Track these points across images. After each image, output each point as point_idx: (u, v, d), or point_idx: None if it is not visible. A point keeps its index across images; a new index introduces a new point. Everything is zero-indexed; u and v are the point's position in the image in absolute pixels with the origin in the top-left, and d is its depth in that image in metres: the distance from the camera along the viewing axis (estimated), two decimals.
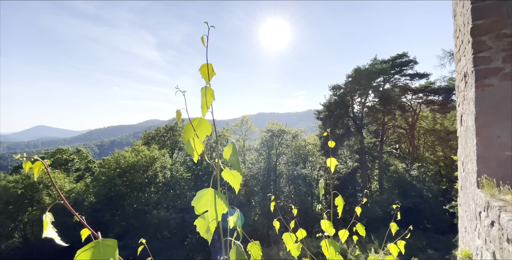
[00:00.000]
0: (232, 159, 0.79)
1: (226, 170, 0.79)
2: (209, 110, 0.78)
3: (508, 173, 2.19)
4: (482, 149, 2.27)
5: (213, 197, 0.68)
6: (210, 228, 0.69)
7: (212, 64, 0.76)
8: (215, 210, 0.68)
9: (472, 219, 2.51)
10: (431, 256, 15.52)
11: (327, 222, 1.26)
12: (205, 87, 0.76)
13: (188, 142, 0.76)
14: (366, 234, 1.73)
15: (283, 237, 1.26)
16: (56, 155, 29.13)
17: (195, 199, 0.68)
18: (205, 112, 0.78)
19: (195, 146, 0.74)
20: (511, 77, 2.25)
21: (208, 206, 0.69)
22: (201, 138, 0.76)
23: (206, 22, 0.71)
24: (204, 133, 0.77)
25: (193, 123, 0.76)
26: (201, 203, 0.68)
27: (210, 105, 0.76)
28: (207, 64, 0.74)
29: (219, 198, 0.69)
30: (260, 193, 27.78)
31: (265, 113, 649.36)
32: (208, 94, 0.76)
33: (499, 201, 1.86)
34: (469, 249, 2.63)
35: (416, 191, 22.62)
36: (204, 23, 0.71)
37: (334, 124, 26.78)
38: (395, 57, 25.72)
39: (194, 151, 0.74)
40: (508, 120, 2.23)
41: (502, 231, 1.63)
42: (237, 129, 32.71)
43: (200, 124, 0.77)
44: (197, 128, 0.76)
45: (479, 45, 2.32)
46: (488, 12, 2.36)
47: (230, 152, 0.80)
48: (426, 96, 26.00)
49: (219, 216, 0.69)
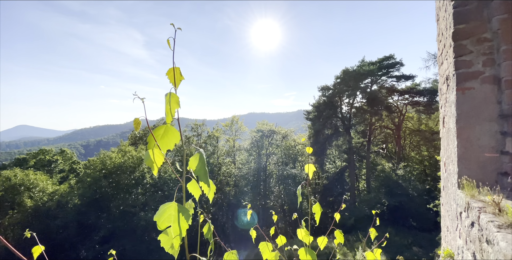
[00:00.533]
0: (199, 170, 0.74)
1: (192, 182, 0.74)
2: (175, 117, 0.72)
3: (488, 174, 2.25)
4: (462, 150, 2.32)
5: (176, 211, 0.64)
6: (174, 245, 0.64)
7: (179, 68, 0.71)
8: (179, 226, 0.63)
9: (453, 219, 2.56)
10: (416, 253, 15.95)
11: (303, 230, 1.24)
12: (169, 94, 0.70)
13: (147, 154, 0.69)
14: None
15: (259, 247, 1.22)
16: (38, 155, 28.06)
17: (157, 213, 0.63)
18: (170, 120, 0.72)
19: (154, 157, 0.68)
20: (491, 81, 2.31)
21: (171, 221, 0.63)
22: (169, 146, 0.71)
23: (173, 24, 0.67)
24: (172, 141, 0.72)
25: (159, 132, 0.70)
26: (163, 218, 0.63)
27: (174, 112, 0.70)
28: (173, 68, 0.69)
29: (183, 213, 0.64)
30: (250, 193, 27.75)
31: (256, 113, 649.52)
32: (173, 101, 0.71)
33: (479, 202, 1.90)
34: (451, 248, 2.69)
35: (402, 190, 23.19)
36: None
37: (323, 125, 27.11)
38: (382, 59, 26.30)
39: (154, 163, 0.68)
40: (487, 122, 2.28)
41: (482, 232, 1.66)
42: (227, 129, 32.55)
43: (167, 132, 0.71)
44: (163, 137, 0.71)
45: (460, 49, 2.38)
46: (470, 17, 2.41)
47: (197, 163, 0.74)
48: (411, 98, 26.72)
49: (183, 231, 0.64)
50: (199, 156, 0.75)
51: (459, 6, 2.42)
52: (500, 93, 2.21)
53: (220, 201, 25.88)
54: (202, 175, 0.74)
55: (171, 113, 0.69)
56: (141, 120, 0.68)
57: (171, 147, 0.71)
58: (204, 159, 0.75)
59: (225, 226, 24.86)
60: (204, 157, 0.75)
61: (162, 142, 0.71)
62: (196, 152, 0.75)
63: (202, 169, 0.74)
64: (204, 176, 0.74)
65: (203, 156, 0.75)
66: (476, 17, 2.38)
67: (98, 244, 21.22)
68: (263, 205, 27.40)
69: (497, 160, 2.21)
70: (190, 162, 0.76)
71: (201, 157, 0.74)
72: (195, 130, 30.24)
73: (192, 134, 30.20)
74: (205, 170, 0.75)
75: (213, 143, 29.74)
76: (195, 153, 0.75)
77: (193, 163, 0.75)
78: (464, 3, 2.41)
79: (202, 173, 0.74)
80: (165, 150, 0.71)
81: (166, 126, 0.72)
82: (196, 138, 30.00)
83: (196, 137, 30.04)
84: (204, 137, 30.28)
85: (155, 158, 0.67)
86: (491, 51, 2.32)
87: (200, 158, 0.74)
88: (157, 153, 0.68)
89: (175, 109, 0.70)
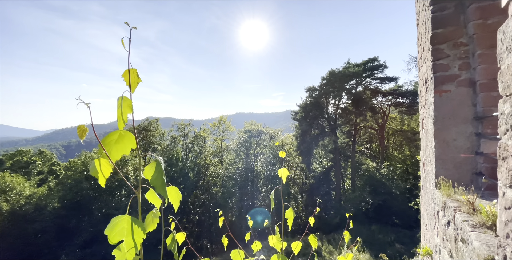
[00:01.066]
0: (155, 180, 0.69)
1: (150, 192, 0.70)
2: (129, 123, 0.67)
3: (463, 174, 2.33)
4: (440, 151, 2.39)
5: (129, 224, 0.59)
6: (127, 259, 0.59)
7: (136, 70, 0.66)
8: (133, 239, 0.59)
9: (431, 217, 2.63)
10: (399, 250, 16.46)
11: (275, 237, 1.21)
12: (121, 98, 0.65)
13: (93, 163, 0.64)
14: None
15: (231, 255, 1.19)
16: (15, 157, 26.68)
17: (108, 227, 0.58)
18: (122, 126, 0.67)
19: (100, 167, 0.62)
20: (467, 84, 2.38)
21: (124, 234, 0.58)
22: (124, 152, 0.66)
23: (127, 22, 0.62)
24: (128, 147, 0.67)
25: (113, 137, 0.65)
26: (115, 232, 0.58)
27: (127, 118, 0.65)
28: (128, 70, 0.64)
29: (137, 225, 0.60)
30: (237, 193, 27.65)
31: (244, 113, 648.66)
32: (125, 106, 0.65)
33: (455, 202, 1.95)
34: (429, 246, 2.77)
35: (385, 189, 23.87)
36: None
37: (309, 125, 27.45)
38: (366, 61, 26.98)
39: (100, 173, 0.63)
40: (463, 124, 2.36)
41: (457, 231, 1.71)
42: (214, 129, 32.25)
43: (121, 138, 0.66)
44: (118, 142, 0.65)
45: (438, 53, 2.45)
46: (447, 22, 2.49)
47: (152, 172, 0.70)
48: (394, 99, 27.57)
49: (138, 245, 0.60)
50: (156, 164, 0.70)
51: (437, 11, 2.50)
52: (475, 96, 2.30)
53: (207, 202, 25.60)
54: (158, 185, 0.69)
55: (122, 119, 0.64)
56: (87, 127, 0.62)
57: (126, 152, 0.66)
58: (162, 167, 0.70)
59: (212, 227, 24.62)
60: (161, 166, 0.70)
61: (117, 147, 0.66)
62: (153, 159, 0.70)
63: (159, 179, 0.69)
64: (161, 186, 0.69)
65: (161, 164, 0.70)
66: (453, 22, 2.46)
67: (80, 248, 20.45)
68: (250, 205, 27.38)
69: (472, 161, 2.29)
70: (146, 171, 0.71)
71: (158, 166, 0.69)
72: (181, 130, 29.74)
73: (179, 134, 29.70)
74: (163, 180, 0.70)
75: (200, 143, 29.38)
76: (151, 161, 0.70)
77: (148, 172, 0.70)
78: (442, 9, 2.49)
79: (159, 183, 0.69)
80: (119, 155, 0.66)
81: (120, 132, 0.66)
82: (182, 138, 29.52)
83: (182, 137, 29.56)
84: (191, 137, 29.85)
85: (101, 168, 0.62)
86: (467, 55, 2.41)
87: (157, 167, 0.69)
88: (104, 162, 0.63)
89: (127, 113, 0.65)
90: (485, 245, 1.25)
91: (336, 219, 22.97)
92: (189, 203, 25.36)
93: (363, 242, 17.44)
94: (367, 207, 23.94)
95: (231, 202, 26.98)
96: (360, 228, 20.62)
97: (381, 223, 21.87)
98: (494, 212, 1.51)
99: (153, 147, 29.04)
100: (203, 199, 25.64)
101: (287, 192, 28.65)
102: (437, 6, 2.49)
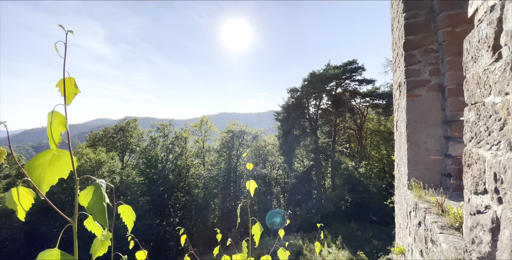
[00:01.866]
0: (93, 207, 0.60)
1: (89, 219, 0.62)
2: (65, 140, 0.58)
3: (433, 175, 2.42)
4: (412, 153, 2.47)
5: None
6: None
7: (74, 79, 0.57)
8: None
9: (404, 217, 2.72)
10: (376, 246, 17.09)
11: (239, 256, 1.16)
12: (51, 113, 0.54)
13: (10, 193, 0.54)
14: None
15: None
16: None
17: None
18: (54, 146, 0.56)
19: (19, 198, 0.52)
20: (436, 89, 2.48)
21: None
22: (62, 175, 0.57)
23: (61, 25, 0.54)
24: (66, 169, 0.57)
25: (45, 158, 0.55)
26: None
27: (59, 137, 0.55)
28: (63, 79, 0.55)
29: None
30: (220, 195, 27.37)
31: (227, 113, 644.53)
32: (56, 122, 0.54)
33: (425, 203, 2.01)
34: (402, 245, 2.86)
35: (363, 187, 24.73)
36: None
37: (291, 126, 27.82)
38: (346, 63, 27.80)
39: (18, 205, 0.53)
40: (433, 127, 2.45)
41: (427, 232, 1.76)
42: (196, 130, 31.69)
43: (56, 160, 0.55)
44: (51, 165, 0.55)
45: (410, 59, 2.53)
46: (419, 29, 2.59)
47: (89, 198, 0.61)
48: (372, 100, 28.65)
49: None
50: (94, 188, 0.61)
51: (409, 18, 2.59)
52: (444, 101, 2.41)
53: (188, 204, 25.09)
54: (97, 212, 0.60)
55: (53, 140, 0.54)
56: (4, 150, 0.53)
57: (64, 175, 0.58)
58: (102, 191, 0.60)
59: (193, 230, 24.17)
60: (101, 189, 0.60)
61: (52, 170, 0.56)
62: (92, 183, 0.61)
63: (97, 205, 0.59)
64: (100, 214, 0.59)
65: (101, 187, 0.60)
66: (424, 29, 2.57)
67: None
68: (233, 206, 27.20)
69: (441, 162, 2.39)
70: (81, 197, 0.61)
71: (97, 190, 0.60)
72: (161, 131, 28.91)
73: (159, 134, 28.85)
74: (102, 206, 0.60)
75: (181, 144, 28.73)
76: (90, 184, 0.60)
77: (84, 197, 0.60)
78: (414, 16, 2.59)
79: (98, 210, 0.59)
80: (55, 179, 0.57)
81: (53, 152, 0.56)
82: (162, 139, 28.70)
83: (162, 138, 28.74)
84: (171, 137, 29.11)
85: (20, 199, 0.51)
86: (437, 61, 2.51)
87: (95, 191, 0.60)
88: (24, 192, 0.53)
89: (59, 132, 0.55)
90: (453, 248, 1.29)
91: (317, 217, 23.46)
92: (169, 205, 24.72)
93: (343, 240, 17.94)
94: (346, 205, 24.66)
95: (213, 204, 26.65)
96: (339, 226, 21.20)
97: (359, 220, 22.62)
98: (461, 214, 1.57)
99: (131, 148, 27.97)
100: (184, 201, 25.09)
101: (270, 191, 28.81)
102: (409, 13, 2.58)
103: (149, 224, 21.66)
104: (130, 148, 27.94)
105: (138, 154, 27.06)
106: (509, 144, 0.70)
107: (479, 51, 0.89)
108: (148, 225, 21.52)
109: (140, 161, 26.74)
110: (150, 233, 21.64)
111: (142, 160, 26.39)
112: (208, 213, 25.46)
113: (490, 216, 0.79)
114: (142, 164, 26.32)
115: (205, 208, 24.75)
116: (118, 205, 0.65)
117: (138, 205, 21.65)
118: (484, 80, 0.85)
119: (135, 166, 26.23)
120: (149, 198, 22.90)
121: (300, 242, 18.98)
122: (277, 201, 29.81)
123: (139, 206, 21.65)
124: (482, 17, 0.88)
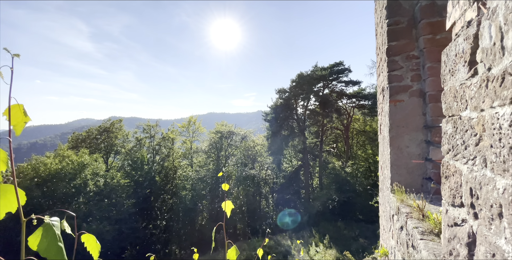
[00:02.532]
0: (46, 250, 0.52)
1: None
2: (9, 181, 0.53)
3: (415, 179, 2.47)
4: (394, 157, 2.52)
5: None
6: None
7: (23, 106, 0.52)
8: None
9: (388, 219, 2.76)
10: (362, 244, 17.47)
11: None
12: None
13: None
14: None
15: None
16: None
17: None
18: None
19: None
20: (418, 95, 2.54)
21: None
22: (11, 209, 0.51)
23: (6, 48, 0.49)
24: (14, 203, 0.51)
25: None
26: None
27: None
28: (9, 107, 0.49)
29: None
30: (208, 196, 27.10)
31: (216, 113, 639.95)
32: None
33: (407, 207, 2.05)
34: (386, 246, 2.91)
35: (350, 186, 25.22)
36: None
37: (280, 126, 27.98)
38: (333, 65, 28.28)
39: None
40: (415, 132, 2.51)
41: (408, 237, 1.78)
42: (184, 130, 31.22)
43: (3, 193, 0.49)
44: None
45: (392, 65, 2.58)
46: (401, 35, 2.64)
47: (38, 241, 0.53)
48: (358, 101, 29.29)
49: None
50: (45, 229, 0.53)
51: (392, 25, 2.64)
52: (425, 106, 2.46)
53: (176, 206, 24.67)
54: (52, 255, 0.52)
55: None
56: None
57: (12, 209, 0.52)
58: (55, 232, 0.54)
59: (181, 232, 23.78)
60: (54, 230, 0.53)
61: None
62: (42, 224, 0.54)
63: (52, 248, 0.52)
64: (56, 256, 0.52)
65: (54, 228, 0.54)
66: (406, 35, 2.62)
67: None
68: (221, 208, 26.98)
69: (422, 166, 2.45)
70: (31, 242, 0.53)
71: (49, 231, 0.52)
72: (147, 131, 28.27)
73: (145, 135, 28.20)
74: (58, 247, 0.53)
75: (168, 145, 28.22)
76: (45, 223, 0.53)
77: (34, 241, 0.52)
78: (396, 22, 2.64)
79: (53, 253, 0.52)
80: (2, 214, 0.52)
81: None
82: (148, 140, 28.08)
83: (148, 139, 28.12)
84: (158, 138, 28.52)
85: None
86: (418, 68, 2.57)
87: (46, 233, 0.53)
88: None
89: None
90: (432, 255, 1.31)
91: (305, 217, 23.70)
92: (155, 208, 24.21)
93: (330, 238, 18.21)
94: (333, 204, 25.06)
95: (201, 205, 26.34)
96: (327, 225, 21.52)
97: (346, 219, 23.06)
98: (440, 220, 1.60)
99: (116, 149, 27.18)
100: (171, 203, 24.66)
101: (259, 192, 28.81)
102: (392, 19, 2.63)
103: (134, 227, 21.11)
104: (114, 150, 27.14)
105: (123, 156, 26.33)
106: (484, 160, 0.70)
107: (456, 65, 0.90)
108: (133, 228, 20.98)
109: (125, 162, 26.03)
110: (136, 237, 21.10)
111: (128, 162, 25.70)
112: (196, 215, 25.14)
113: (466, 230, 0.80)
114: (127, 165, 25.63)
115: (193, 210, 24.42)
116: (80, 234, 0.60)
117: (124, 208, 21.08)
118: (461, 94, 0.86)
119: (120, 168, 25.50)
120: (135, 200, 22.33)
121: (288, 242, 19.10)
122: (266, 201, 29.86)
123: (124, 209, 21.07)
124: (459, 32, 0.89)
